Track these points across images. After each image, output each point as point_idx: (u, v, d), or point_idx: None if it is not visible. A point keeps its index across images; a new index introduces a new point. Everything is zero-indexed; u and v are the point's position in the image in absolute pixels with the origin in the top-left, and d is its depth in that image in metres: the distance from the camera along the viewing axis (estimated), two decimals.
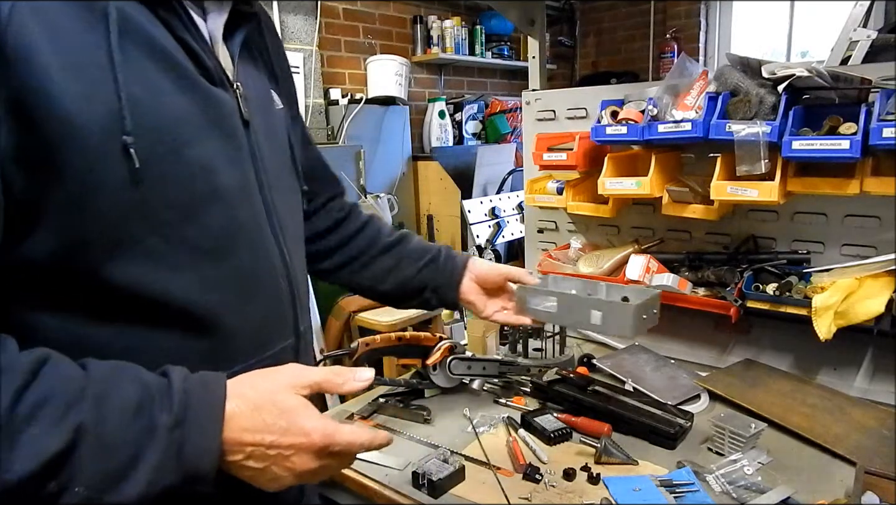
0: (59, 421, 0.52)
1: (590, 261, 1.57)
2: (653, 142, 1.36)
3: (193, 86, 0.66)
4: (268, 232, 0.76)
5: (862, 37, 1.62)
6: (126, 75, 0.59)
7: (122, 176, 0.59)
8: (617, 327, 1.05)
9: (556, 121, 1.74)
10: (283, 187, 0.82)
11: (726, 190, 1.25)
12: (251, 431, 0.60)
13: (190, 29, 0.67)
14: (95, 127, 0.57)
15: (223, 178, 0.68)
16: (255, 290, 0.74)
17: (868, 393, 1.26)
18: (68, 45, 0.56)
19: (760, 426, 1.10)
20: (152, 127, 0.61)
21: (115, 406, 0.55)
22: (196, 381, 0.60)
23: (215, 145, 0.68)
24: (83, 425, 0.53)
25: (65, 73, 0.55)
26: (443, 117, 4.27)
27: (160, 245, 0.63)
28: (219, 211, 0.68)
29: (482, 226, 3.56)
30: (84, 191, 0.57)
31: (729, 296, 1.28)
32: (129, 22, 0.60)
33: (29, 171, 0.55)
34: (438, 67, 4.55)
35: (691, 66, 1.37)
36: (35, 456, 0.51)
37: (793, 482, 0.99)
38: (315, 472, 0.64)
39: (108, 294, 0.62)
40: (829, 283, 1.21)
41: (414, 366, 1.37)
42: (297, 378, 0.65)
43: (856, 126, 1.12)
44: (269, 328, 0.77)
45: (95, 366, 0.57)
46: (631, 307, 1.03)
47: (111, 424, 0.54)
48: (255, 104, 0.77)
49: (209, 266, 0.68)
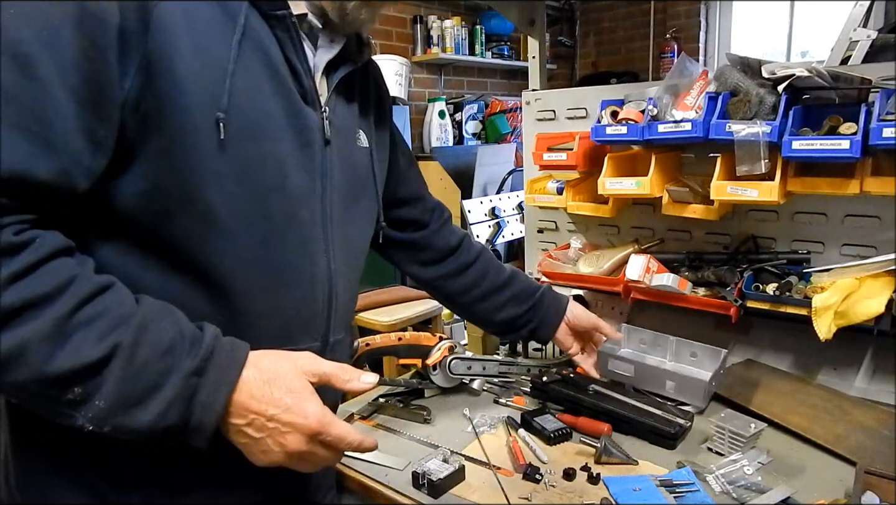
0: (103, 336, 0.60)
1: (590, 261, 1.57)
2: (653, 142, 1.35)
3: (287, 95, 0.77)
4: (319, 238, 0.83)
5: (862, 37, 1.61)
6: (237, 68, 0.70)
7: (208, 143, 0.68)
8: (689, 397, 1.25)
9: (556, 121, 1.74)
10: (349, 205, 0.89)
11: (726, 190, 1.25)
12: (257, 400, 0.66)
13: (297, 52, 0.77)
14: (198, 98, 0.67)
15: (291, 177, 0.77)
16: (292, 285, 0.80)
17: (868, 393, 1.26)
18: (200, 32, 0.68)
19: (760, 426, 1.10)
20: (243, 113, 0.71)
21: (151, 339, 0.63)
22: (224, 341, 0.68)
23: (291, 148, 0.77)
24: (120, 345, 0.61)
25: (190, 51, 0.66)
26: (443, 117, 4.27)
27: (223, 214, 0.71)
28: (280, 203, 0.76)
29: (482, 226, 3.56)
30: (173, 146, 0.67)
31: (729, 296, 1.28)
32: (252, 29, 0.72)
33: (141, 119, 0.66)
34: (438, 67, 4.55)
35: (691, 66, 1.37)
36: (76, 357, 0.59)
37: (793, 482, 0.99)
38: (302, 455, 0.68)
39: (167, 245, 0.70)
40: (829, 283, 1.21)
41: (414, 366, 1.37)
42: (309, 365, 0.71)
43: (856, 126, 1.12)
44: (296, 326, 0.82)
45: (147, 301, 0.66)
46: (703, 383, 1.22)
47: (143, 353, 0.62)
48: (339, 131, 0.86)
49: (257, 248, 0.75)
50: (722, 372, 1.28)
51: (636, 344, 1.42)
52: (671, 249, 1.54)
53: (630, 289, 1.42)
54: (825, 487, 0.98)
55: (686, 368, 1.33)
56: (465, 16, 4.46)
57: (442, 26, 4.25)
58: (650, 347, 1.40)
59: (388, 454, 1.10)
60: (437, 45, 4.24)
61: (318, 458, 0.70)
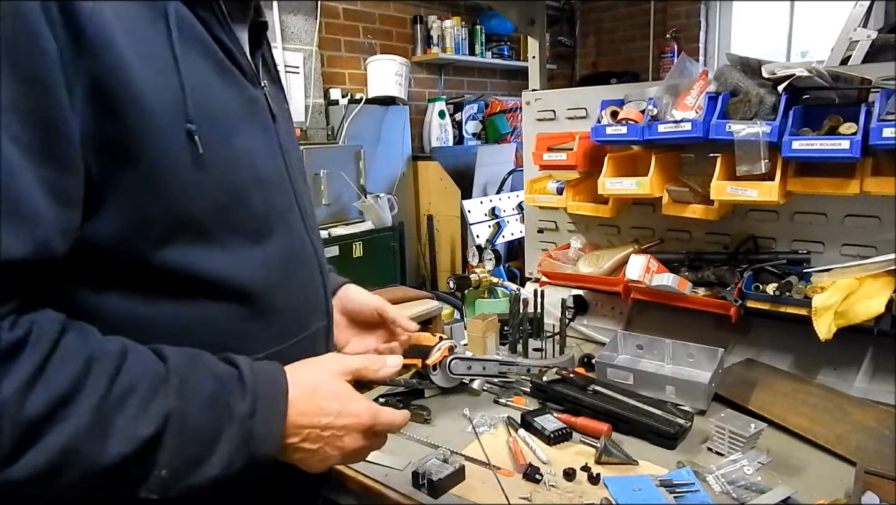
0: (146, 408, 0.56)
1: (590, 261, 1.57)
2: (653, 142, 1.36)
3: (236, 81, 0.71)
4: (298, 219, 0.81)
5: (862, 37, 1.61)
6: (185, 68, 0.63)
7: (187, 160, 0.62)
8: (690, 399, 1.23)
9: (556, 121, 1.74)
10: (301, 180, 0.87)
11: (726, 190, 1.25)
12: (308, 415, 0.66)
13: (225, 29, 0.70)
14: (165, 114, 0.60)
15: (263, 166, 0.74)
16: (295, 270, 0.79)
17: (868, 393, 1.25)
18: (139, 39, 0.59)
19: (760, 426, 1.10)
20: (208, 116, 0.65)
21: (194, 396, 0.59)
22: (262, 371, 0.65)
23: (255, 136, 0.73)
24: (169, 414, 0.57)
25: (139, 63, 0.58)
26: (443, 117, 4.27)
27: (214, 227, 0.67)
28: (260, 196, 0.72)
29: (482, 226, 3.56)
30: (156, 173, 0.60)
31: (729, 296, 1.28)
32: (183, 20, 0.64)
33: (105, 155, 0.58)
34: (438, 67, 4.55)
35: (691, 66, 1.37)
36: (128, 441, 0.55)
37: (793, 482, 0.99)
38: (359, 451, 0.70)
39: (167, 274, 0.64)
40: (829, 283, 1.21)
41: (414, 366, 1.37)
42: (341, 365, 0.71)
43: (856, 126, 1.12)
44: (307, 308, 0.81)
45: (170, 353, 0.61)
46: (703, 385, 1.21)
47: (192, 413, 0.59)
48: (277, 104, 0.82)
49: (255, 247, 0.72)
50: (720, 372, 1.28)
51: (632, 349, 1.42)
52: (671, 249, 1.54)
53: (630, 289, 1.42)
54: (825, 487, 0.98)
55: (685, 370, 1.34)
56: (465, 16, 4.45)
57: (442, 26, 4.25)
58: (647, 351, 1.40)
59: (388, 454, 1.09)
60: (437, 45, 4.24)
61: (371, 448, 0.72)
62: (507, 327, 1.59)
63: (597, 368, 1.33)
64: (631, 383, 1.28)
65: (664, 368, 1.36)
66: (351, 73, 3.94)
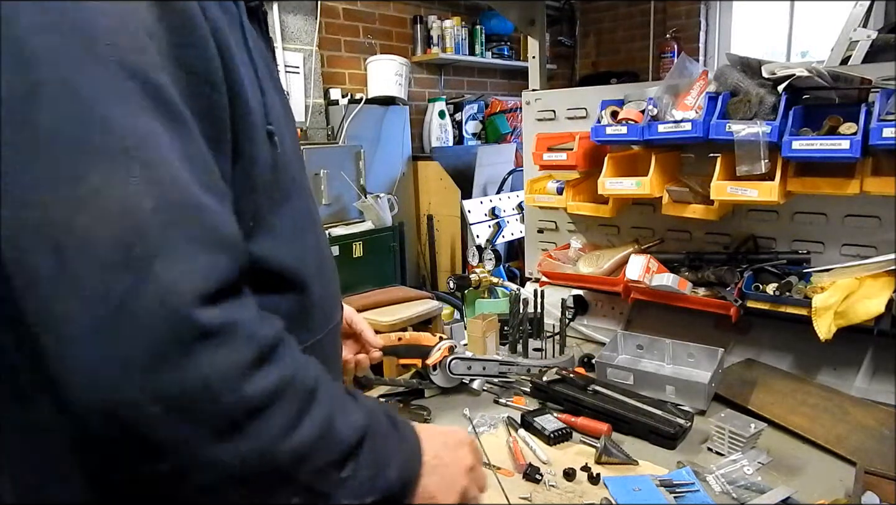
0: (351, 411, 0.62)
1: (590, 261, 1.57)
2: (653, 142, 1.36)
3: (277, 83, 0.75)
4: (316, 215, 0.84)
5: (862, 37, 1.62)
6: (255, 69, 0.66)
7: (269, 158, 0.67)
8: (690, 400, 1.23)
9: (556, 121, 1.74)
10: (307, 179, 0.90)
11: (726, 190, 1.25)
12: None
13: (265, 37, 0.74)
14: (258, 113, 0.64)
15: (296, 170, 0.77)
16: (325, 265, 0.82)
17: (868, 393, 1.25)
18: (234, 39, 0.63)
19: (760, 426, 1.10)
20: (274, 118, 0.69)
21: (379, 419, 0.65)
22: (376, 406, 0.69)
23: (291, 141, 0.77)
24: (369, 427, 0.62)
25: (240, 62, 0.62)
26: (443, 117, 4.27)
27: (275, 221, 0.70)
28: (297, 196, 0.76)
29: (482, 226, 3.56)
30: (249, 168, 0.64)
31: (729, 296, 1.28)
32: (245, 25, 0.68)
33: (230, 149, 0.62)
34: (438, 67, 4.55)
35: (691, 66, 1.38)
36: (350, 427, 0.60)
37: (793, 482, 0.99)
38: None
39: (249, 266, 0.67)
40: (829, 283, 1.21)
41: (414, 366, 1.37)
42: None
43: (856, 126, 1.12)
44: (332, 302, 0.84)
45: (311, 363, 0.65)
46: (703, 385, 1.21)
47: (381, 434, 0.64)
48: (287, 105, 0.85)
49: (300, 242, 0.75)
50: (720, 371, 1.28)
51: (632, 349, 1.42)
52: (671, 249, 1.54)
53: (630, 289, 1.42)
54: (825, 487, 0.98)
55: (685, 370, 1.34)
56: (465, 16, 4.45)
57: (442, 26, 4.24)
58: (647, 351, 1.40)
59: None
60: (437, 45, 4.24)
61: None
62: (507, 327, 1.59)
63: (597, 368, 1.33)
64: (631, 383, 1.28)
65: (664, 368, 1.36)
66: (351, 73, 3.94)
